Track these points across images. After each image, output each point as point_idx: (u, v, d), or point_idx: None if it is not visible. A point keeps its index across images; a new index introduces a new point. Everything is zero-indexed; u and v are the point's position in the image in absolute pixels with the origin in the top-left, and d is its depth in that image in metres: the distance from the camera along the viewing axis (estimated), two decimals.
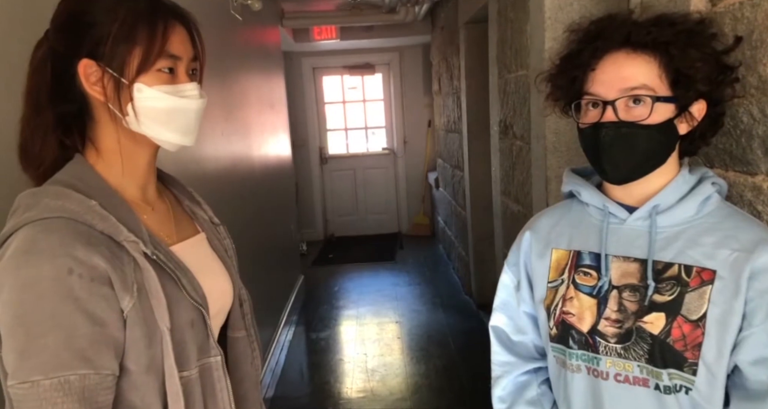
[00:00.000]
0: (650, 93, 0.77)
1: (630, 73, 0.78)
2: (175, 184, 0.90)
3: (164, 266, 0.70)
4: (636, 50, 0.78)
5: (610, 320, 0.81)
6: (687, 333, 0.76)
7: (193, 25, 0.75)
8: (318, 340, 3.37)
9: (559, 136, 1.97)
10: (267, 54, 3.42)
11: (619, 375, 0.81)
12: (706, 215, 0.81)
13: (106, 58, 0.69)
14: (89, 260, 0.63)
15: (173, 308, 0.69)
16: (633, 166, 0.80)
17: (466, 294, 3.88)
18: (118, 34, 0.68)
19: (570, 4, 1.90)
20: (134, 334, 0.66)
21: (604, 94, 0.79)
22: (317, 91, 5.71)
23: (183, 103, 0.73)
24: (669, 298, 0.78)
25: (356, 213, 5.90)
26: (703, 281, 0.76)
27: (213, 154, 2.11)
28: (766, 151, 0.90)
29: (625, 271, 0.82)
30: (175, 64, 0.72)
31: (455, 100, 3.87)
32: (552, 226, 0.93)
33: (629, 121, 0.78)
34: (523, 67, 2.24)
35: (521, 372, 0.96)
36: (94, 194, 0.68)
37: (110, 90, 0.70)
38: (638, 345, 0.79)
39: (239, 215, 2.43)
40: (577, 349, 0.85)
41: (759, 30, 0.89)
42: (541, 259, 0.92)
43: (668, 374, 0.77)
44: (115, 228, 0.67)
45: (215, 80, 2.23)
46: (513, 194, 2.55)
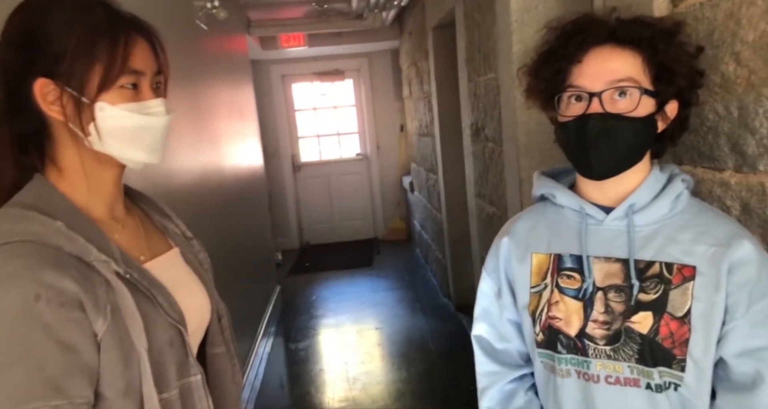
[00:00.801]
0: (637, 85, 0.78)
1: (617, 66, 0.78)
2: (144, 200, 0.87)
3: (138, 285, 0.68)
4: (621, 45, 0.79)
5: (598, 322, 0.81)
6: (674, 330, 0.77)
7: (155, 37, 0.72)
8: (297, 350, 3.32)
9: (530, 137, 1.99)
10: (234, 63, 3.38)
11: (609, 377, 0.81)
12: (680, 212, 0.82)
13: (65, 76, 0.65)
14: (58, 284, 0.60)
15: (150, 328, 0.67)
16: (618, 159, 0.80)
17: (444, 297, 3.89)
18: (77, 51, 0.65)
19: (535, 6, 1.92)
20: (110, 358, 0.63)
21: (590, 86, 0.79)
22: (287, 98, 5.67)
23: (148, 121, 0.70)
24: (654, 296, 0.78)
25: (331, 220, 5.86)
26: (685, 277, 0.77)
27: (182, 166, 2.06)
28: (732, 147, 0.91)
29: (608, 272, 0.82)
30: (138, 80, 0.69)
31: (426, 104, 3.89)
32: (529, 230, 0.93)
33: (616, 113, 0.78)
34: (492, 70, 2.26)
35: (507, 381, 0.95)
36: (59, 215, 0.65)
37: (70, 110, 0.66)
38: (627, 346, 0.79)
39: (211, 227, 2.38)
40: (566, 353, 0.84)
41: (719, 30, 0.91)
42: (521, 264, 0.91)
43: (659, 373, 0.78)
44: (84, 248, 0.64)
45: (182, 91, 2.18)
46: (487, 196, 2.57)
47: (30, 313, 0.58)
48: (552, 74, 0.83)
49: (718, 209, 0.95)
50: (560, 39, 0.84)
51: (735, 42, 0.88)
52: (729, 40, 0.89)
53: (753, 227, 0.89)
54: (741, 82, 0.88)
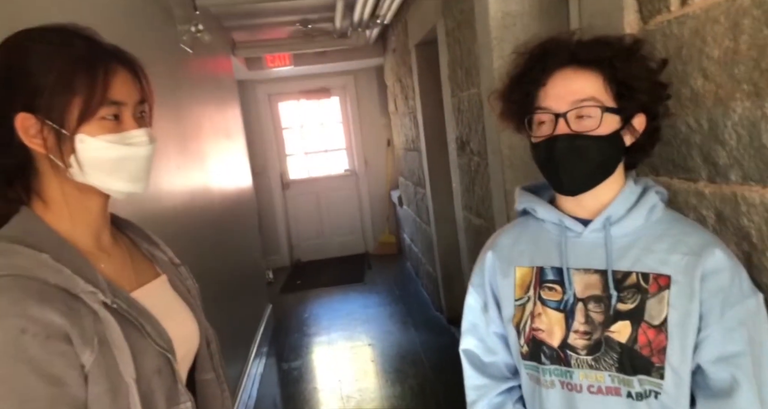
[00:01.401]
0: (599, 104, 0.81)
1: (579, 87, 0.82)
2: (131, 228, 0.87)
3: (126, 315, 0.68)
4: (582, 66, 0.83)
5: (579, 332, 0.83)
6: (652, 338, 0.79)
7: (137, 67, 0.73)
8: (290, 370, 3.30)
9: (513, 150, 2.02)
10: (220, 84, 3.40)
11: (591, 387, 0.83)
12: (654, 222, 0.85)
13: (44, 110, 0.66)
14: (43, 317, 0.60)
15: (138, 357, 0.67)
16: (586, 176, 0.84)
17: (436, 310, 3.89)
18: (56, 85, 0.66)
19: (513, 24, 1.97)
20: (97, 390, 0.63)
21: (556, 107, 0.83)
22: (274, 117, 5.69)
23: (130, 151, 0.71)
24: (632, 306, 0.81)
25: (322, 236, 5.85)
26: (661, 286, 0.80)
27: (169, 189, 2.07)
28: (705, 158, 0.94)
29: (588, 283, 0.85)
30: (119, 111, 0.70)
31: (412, 119, 3.93)
32: (512, 244, 0.95)
33: (582, 133, 0.81)
34: (475, 85, 2.30)
35: (495, 394, 0.97)
36: (45, 247, 0.66)
37: (51, 142, 0.67)
38: (608, 355, 0.81)
39: (200, 249, 2.38)
40: (550, 364, 0.86)
41: (687, 46, 0.94)
42: (505, 278, 0.93)
43: (638, 381, 0.79)
44: (71, 280, 0.64)
45: (168, 114, 2.19)
46: (474, 209, 2.59)
47: (15, 347, 0.59)
48: (521, 97, 0.87)
49: (695, 218, 0.98)
50: (527, 63, 0.88)
51: (702, 58, 0.91)
52: (696, 56, 0.93)
53: (728, 236, 0.91)
54: (709, 96, 0.91)
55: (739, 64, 0.84)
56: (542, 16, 1.92)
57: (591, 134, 0.81)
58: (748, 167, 0.85)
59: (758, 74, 0.81)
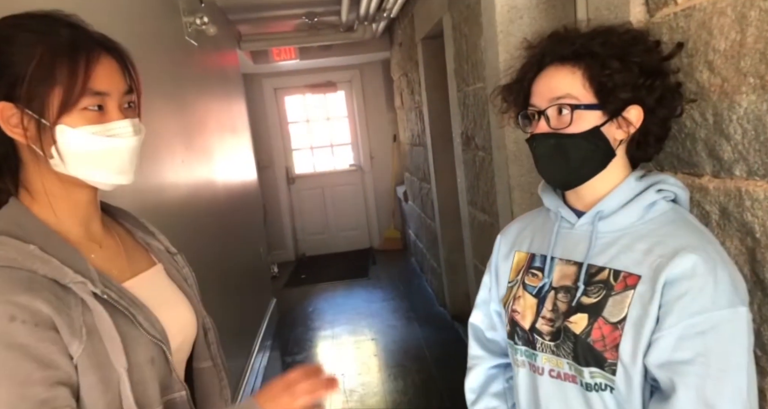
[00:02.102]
0: (572, 101, 0.83)
1: (554, 84, 0.84)
2: (126, 217, 0.87)
3: (117, 305, 0.68)
4: (563, 62, 0.84)
5: (545, 318, 0.87)
6: (606, 334, 0.79)
7: (124, 55, 0.71)
8: (294, 363, 3.31)
9: (519, 145, 2.01)
10: (226, 78, 3.40)
11: (552, 371, 0.86)
12: (648, 221, 0.83)
13: (24, 99, 0.65)
14: (31, 305, 0.60)
15: (130, 347, 0.67)
16: (567, 172, 0.85)
17: (440, 306, 3.89)
18: (35, 75, 0.64)
19: (520, 17, 1.95)
20: (88, 381, 0.63)
21: (539, 104, 0.85)
22: (280, 111, 5.70)
23: (113, 143, 0.69)
24: (594, 300, 0.82)
25: (327, 231, 5.87)
26: (627, 285, 0.80)
27: (174, 182, 2.07)
28: (709, 153, 0.93)
29: (564, 273, 0.87)
30: (103, 101, 0.68)
31: (418, 114, 3.91)
32: (520, 230, 1.00)
33: (555, 133, 0.83)
34: (480, 79, 2.29)
35: (491, 365, 1.03)
36: (33, 238, 0.66)
37: (32, 132, 0.66)
38: (565, 343, 0.84)
39: (205, 242, 2.39)
40: (521, 345, 0.91)
41: (693, 39, 0.93)
42: (505, 261, 0.99)
43: (590, 373, 0.81)
44: (60, 271, 0.64)
45: (173, 108, 2.20)
46: (479, 204, 2.58)
47: (6, 333, 0.59)
48: (516, 95, 0.90)
49: (698, 214, 0.97)
50: (528, 59, 0.90)
51: (708, 51, 0.90)
52: (702, 49, 0.91)
53: (731, 231, 0.90)
54: (715, 89, 0.89)
55: (745, 56, 0.82)
56: (549, 10, 1.90)
57: (565, 133, 0.83)
58: (753, 162, 0.84)
59: (765, 67, 0.79)
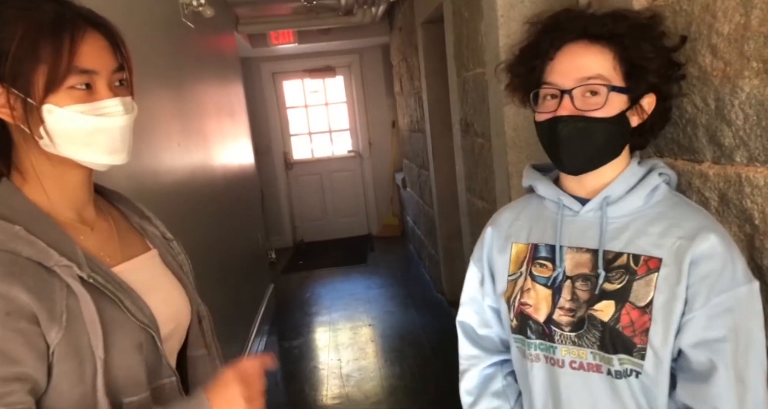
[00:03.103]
0: (605, 82, 0.79)
1: (586, 63, 0.80)
2: (122, 201, 0.85)
3: (103, 289, 0.66)
4: (592, 42, 0.80)
5: (564, 309, 0.84)
6: (635, 319, 0.78)
7: (112, 31, 0.69)
8: (291, 348, 3.33)
9: (518, 131, 1.99)
10: (223, 61, 3.36)
11: (574, 362, 0.84)
12: (654, 204, 0.84)
13: (9, 78, 0.63)
14: (7, 293, 0.59)
15: (115, 333, 0.66)
16: (589, 157, 0.83)
17: (437, 292, 3.90)
18: (19, 53, 0.62)
19: (521, 1, 1.92)
20: (65, 367, 0.62)
21: (561, 83, 0.81)
22: (278, 96, 5.65)
23: (103, 122, 0.67)
24: (618, 286, 0.80)
25: (325, 217, 5.86)
26: (650, 269, 0.79)
27: (170, 165, 2.06)
28: (710, 139, 0.92)
29: (578, 261, 0.85)
30: (91, 79, 0.66)
31: (417, 100, 3.89)
32: (512, 220, 0.96)
33: (585, 116, 0.80)
34: (480, 65, 2.26)
35: (487, 365, 0.99)
36: (20, 219, 0.64)
37: (19, 112, 0.64)
38: (590, 332, 0.81)
39: (201, 227, 2.38)
40: (535, 338, 0.87)
41: (696, 22, 0.91)
42: (502, 253, 0.94)
43: (618, 360, 0.80)
44: (45, 253, 0.63)
45: (170, 90, 2.17)
46: (477, 191, 2.57)
47: None
48: (527, 71, 0.85)
49: (698, 200, 0.96)
50: (538, 35, 0.85)
51: (711, 34, 0.88)
52: (705, 33, 0.90)
53: (730, 218, 0.90)
54: (717, 74, 0.88)
55: (749, 40, 0.81)
56: None
57: (595, 116, 0.79)
58: (754, 148, 0.83)
59: None
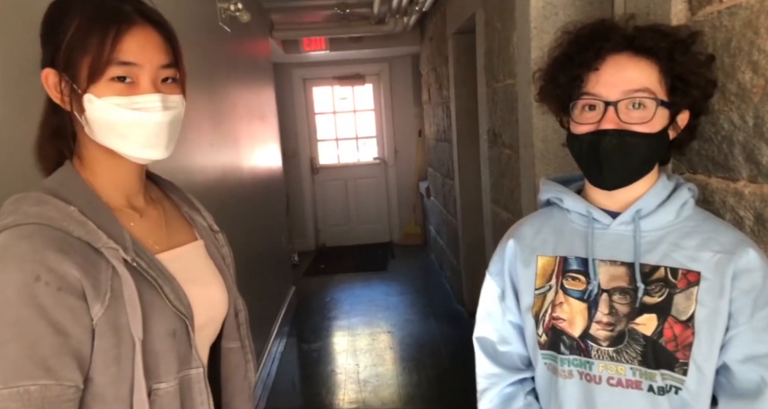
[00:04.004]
0: (653, 96, 0.78)
1: (634, 76, 0.78)
2: (175, 191, 0.88)
3: (145, 274, 0.68)
4: (638, 54, 0.79)
5: (602, 323, 0.82)
6: (678, 334, 0.77)
7: (167, 29, 0.71)
8: (310, 351, 3.34)
9: (547, 143, 1.99)
10: (256, 65, 3.43)
11: (611, 379, 0.81)
12: (685, 219, 0.83)
13: (61, 65, 0.67)
14: (59, 268, 0.61)
15: (152, 317, 0.67)
16: (630, 173, 0.81)
17: (457, 303, 3.88)
18: (71, 42, 0.66)
19: (555, 13, 1.92)
20: (103, 344, 0.64)
21: (606, 94, 0.78)
22: (308, 101, 5.72)
23: (138, 117, 0.68)
24: (659, 299, 0.79)
25: (348, 223, 5.89)
26: (690, 282, 0.78)
27: (201, 164, 2.10)
28: (747, 157, 0.91)
29: (613, 274, 0.83)
30: (132, 73, 0.68)
31: (445, 109, 3.89)
32: (535, 233, 0.93)
33: (631, 130, 0.78)
34: (511, 76, 2.26)
35: (507, 384, 0.95)
36: (75, 200, 0.67)
37: (67, 99, 0.68)
38: (630, 347, 0.79)
39: (228, 226, 2.41)
40: (569, 354, 0.84)
41: (737, 38, 0.90)
42: (526, 267, 0.92)
43: (661, 375, 0.78)
44: (94, 235, 0.65)
45: (204, 92, 2.22)
46: (502, 202, 2.56)
47: (28, 292, 0.59)
48: (568, 80, 0.82)
49: (731, 219, 0.95)
50: (576, 44, 0.83)
51: (752, 51, 0.87)
52: (746, 49, 0.88)
53: (766, 238, 0.88)
54: (757, 91, 0.87)
55: None
56: (585, 7, 1.87)
57: (641, 131, 0.78)
58: None
59: None
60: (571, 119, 0.84)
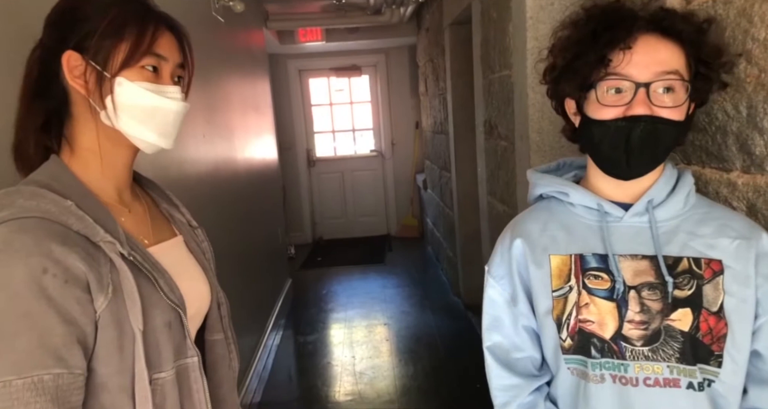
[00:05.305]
0: (685, 79, 0.74)
1: (665, 57, 0.73)
2: (153, 187, 0.90)
3: (141, 267, 0.70)
4: (667, 36, 0.74)
5: (634, 322, 0.77)
6: (713, 326, 0.75)
7: (183, 35, 0.78)
8: (306, 343, 3.35)
9: (542, 135, 1.97)
10: (251, 56, 3.40)
11: (648, 379, 0.77)
12: (692, 206, 0.82)
13: (91, 51, 0.70)
14: (65, 260, 0.62)
15: (149, 309, 0.69)
16: (656, 161, 0.79)
17: (454, 295, 3.88)
18: (107, 30, 0.70)
19: (551, 3, 1.90)
20: (106, 336, 0.65)
21: (637, 75, 0.73)
22: (304, 93, 5.69)
23: (163, 103, 0.73)
24: (689, 292, 0.76)
25: (345, 216, 5.88)
26: (714, 271, 0.76)
27: (195, 156, 2.09)
28: (740, 147, 0.90)
29: (637, 269, 0.78)
30: (159, 64, 0.73)
31: (441, 101, 3.87)
32: (541, 230, 0.86)
33: (664, 118, 0.74)
34: (507, 67, 2.25)
35: (526, 394, 0.88)
36: (70, 194, 0.68)
37: (92, 83, 0.70)
38: (667, 345, 0.76)
39: (223, 219, 2.41)
40: (601, 357, 0.79)
41: (731, 27, 0.89)
42: (539, 268, 0.84)
43: (700, 370, 0.76)
44: (92, 229, 0.66)
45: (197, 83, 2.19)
46: (499, 194, 2.55)
47: (36, 284, 0.60)
48: (593, 59, 0.75)
49: None
50: (603, 21, 0.75)
51: (746, 40, 0.86)
52: (740, 38, 0.87)
53: None
54: (751, 80, 0.86)
55: None
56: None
57: (671, 119, 0.74)
58: None
59: None
60: (588, 104, 0.78)
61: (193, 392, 0.75)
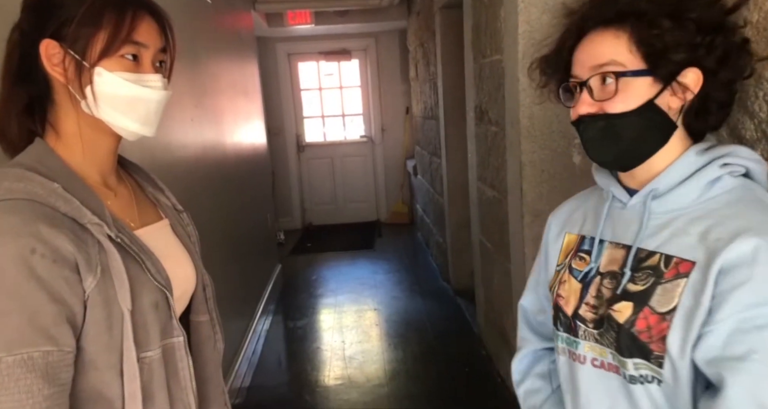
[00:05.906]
0: (617, 68, 0.72)
1: (598, 51, 0.74)
2: (138, 171, 0.90)
3: (128, 249, 0.71)
4: (606, 26, 0.74)
5: (589, 305, 0.81)
6: (653, 325, 0.72)
7: (164, 18, 0.76)
8: (295, 328, 3.36)
9: (533, 121, 1.97)
10: (239, 39, 3.35)
11: (595, 360, 0.80)
12: (708, 199, 0.74)
13: (69, 39, 0.69)
14: (53, 241, 0.63)
15: (137, 290, 0.70)
16: (621, 155, 0.77)
17: (443, 280, 3.91)
18: (84, 17, 0.69)
19: None
20: (95, 315, 0.66)
21: (581, 74, 0.76)
22: (293, 77, 5.63)
23: (144, 93, 0.73)
24: (641, 288, 0.75)
25: (334, 202, 5.87)
26: (679, 273, 0.72)
27: (182, 141, 2.06)
28: (731, 131, 0.90)
29: (613, 258, 0.80)
30: (139, 52, 0.72)
31: (432, 86, 3.85)
32: (572, 210, 0.93)
33: (603, 114, 0.74)
34: (498, 51, 2.23)
35: (538, 348, 0.99)
36: (57, 177, 0.69)
37: (71, 72, 0.70)
38: (609, 332, 0.77)
39: (211, 203, 2.39)
40: (563, 332, 0.85)
41: None
42: (555, 243, 0.93)
43: (634, 364, 0.75)
44: (79, 211, 0.67)
45: (184, 66, 2.17)
46: (489, 180, 2.55)
47: (25, 264, 0.61)
48: (558, 65, 0.80)
49: None
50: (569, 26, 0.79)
51: (738, 21, 0.85)
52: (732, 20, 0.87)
53: None
54: None
55: None
56: None
57: (614, 112, 0.73)
58: None
59: None
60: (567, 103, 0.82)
61: (179, 370, 0.77)
